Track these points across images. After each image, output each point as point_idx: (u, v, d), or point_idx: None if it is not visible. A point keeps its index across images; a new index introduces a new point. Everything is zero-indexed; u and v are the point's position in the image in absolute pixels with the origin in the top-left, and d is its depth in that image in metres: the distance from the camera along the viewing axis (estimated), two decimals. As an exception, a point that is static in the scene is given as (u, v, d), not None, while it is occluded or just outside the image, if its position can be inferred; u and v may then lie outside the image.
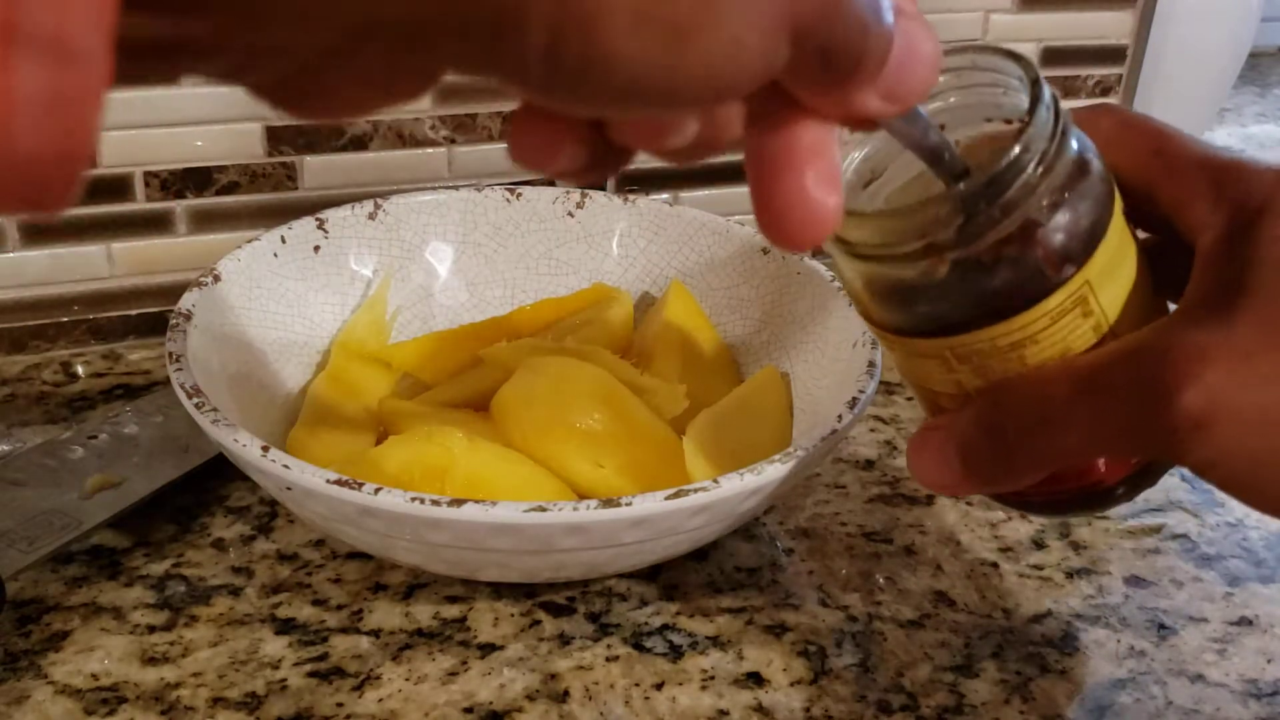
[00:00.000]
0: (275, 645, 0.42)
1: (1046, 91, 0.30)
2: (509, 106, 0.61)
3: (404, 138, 0.60)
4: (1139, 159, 0.34)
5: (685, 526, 0.40)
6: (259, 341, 0.51)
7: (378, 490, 0.37)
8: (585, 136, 0.24)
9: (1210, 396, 0.29)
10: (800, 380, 0.51)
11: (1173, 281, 0.34)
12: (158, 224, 0.59)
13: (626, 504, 0.38)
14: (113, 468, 0.48)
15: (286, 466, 0.38)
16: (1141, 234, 0.35)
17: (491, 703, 0.40)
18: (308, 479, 0.38)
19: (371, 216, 0.55)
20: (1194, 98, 0.85)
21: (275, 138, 0.58)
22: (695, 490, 0.38)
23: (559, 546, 0.39)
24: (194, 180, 0.59)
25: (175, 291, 0.49)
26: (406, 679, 0.41)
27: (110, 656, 0.42)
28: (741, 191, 0.56)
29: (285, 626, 0.43)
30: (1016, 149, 0.30)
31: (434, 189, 0.57)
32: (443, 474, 0.44)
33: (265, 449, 0.39)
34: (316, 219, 0.54)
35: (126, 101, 0.56)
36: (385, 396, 0.51)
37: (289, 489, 0.39)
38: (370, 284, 0.55)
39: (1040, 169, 0.30)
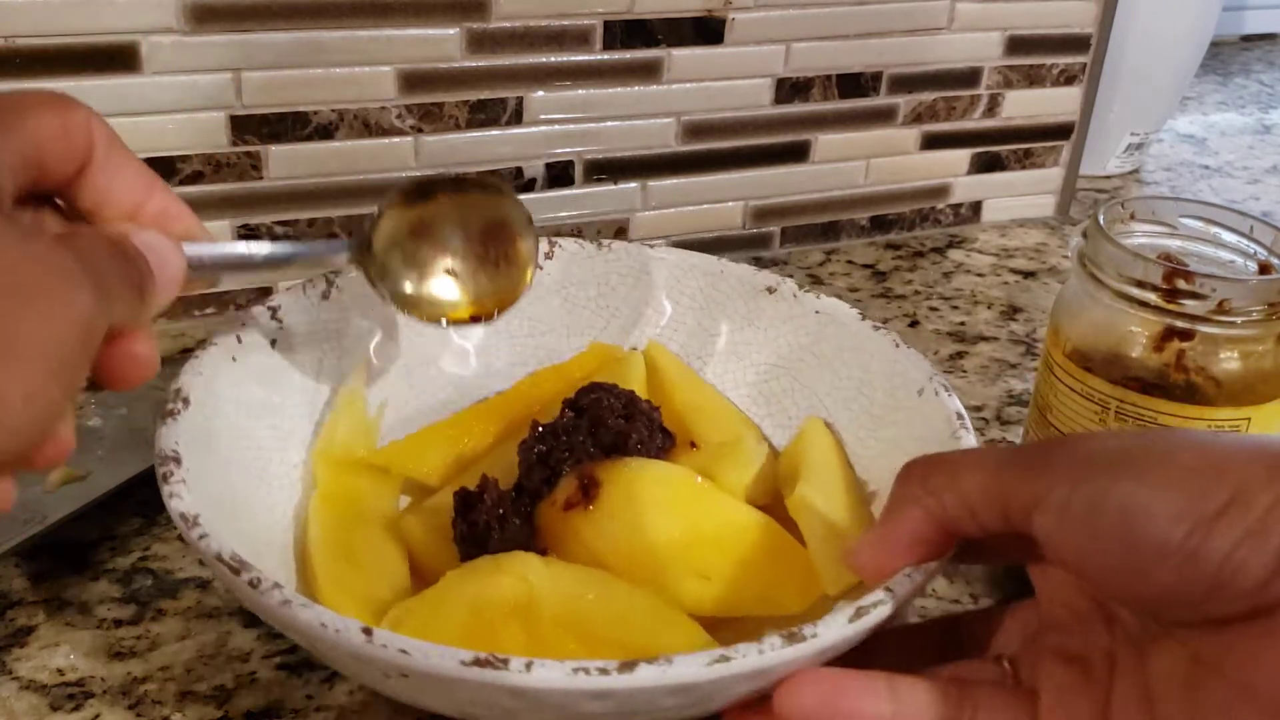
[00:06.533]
0: (244, 638, 0.42)
1: None
2: (476, 95, 0.61)
3: (370, 127, 0.60)
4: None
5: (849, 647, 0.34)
6: (237, 466, 0.41)
7: (530, 665, 0.29)
8: None
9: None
10: (846, 430, 0.46)
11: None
12: (120, 214, 0.58)
13: (812, 635, 0.32)
14: (77, 461, 0.48)
15: (404, 651, 0.30)
16: None
17: (463, 693, 0.40)
18: (436, 663, 0.29)
19: (325, 296, 0.47)
20: (1156, 86, 0.86)
21: (239, 127, 0.58)
22: (874, 605, 0.33)
23: (732, 692, 0.32)
24: (157, 170, 0.57)
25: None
26: (377, 670, 0.41)
27: (76, 651, 0.41)
28: (713, 180, 0.55)
29: (254, 619, 0.43)
30: None
31: None
32: (525, 611, 0.36)
33: (367, 631, 0.30)
34: (269, 307, 0.45)
35: (86, 90, 0.55)
36: (401, 514, 0.43)
37: (405, 676, 0.30)
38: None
39: None
